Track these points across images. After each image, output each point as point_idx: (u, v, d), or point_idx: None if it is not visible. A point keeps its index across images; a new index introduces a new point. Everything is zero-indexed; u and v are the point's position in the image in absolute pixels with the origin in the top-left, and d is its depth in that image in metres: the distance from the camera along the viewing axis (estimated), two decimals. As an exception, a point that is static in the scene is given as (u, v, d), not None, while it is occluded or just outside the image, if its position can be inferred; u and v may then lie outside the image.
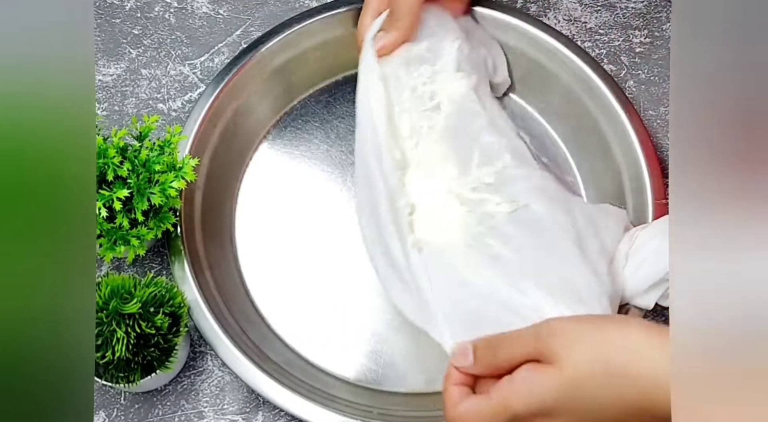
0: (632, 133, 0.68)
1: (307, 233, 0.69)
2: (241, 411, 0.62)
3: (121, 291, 0.55)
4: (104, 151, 0.57)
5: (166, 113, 0.72)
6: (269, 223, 0.69)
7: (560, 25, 0.76)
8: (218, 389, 0.63)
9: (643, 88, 0.74)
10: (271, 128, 0.73)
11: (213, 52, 0.75)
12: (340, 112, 0.73)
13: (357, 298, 0.66)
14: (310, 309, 0.66)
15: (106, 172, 0.56)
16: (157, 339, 0.56)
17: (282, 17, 0.73)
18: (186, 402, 0.62)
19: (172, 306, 0.57)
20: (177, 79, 0.74)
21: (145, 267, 0.66)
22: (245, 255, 0.68)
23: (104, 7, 0.77)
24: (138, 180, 0.57)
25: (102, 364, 0.55)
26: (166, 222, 0.60)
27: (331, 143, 0.72)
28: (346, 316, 0.66)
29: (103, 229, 0.57)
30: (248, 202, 0.70)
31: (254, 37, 0.74)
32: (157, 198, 0.57)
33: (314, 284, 0.67)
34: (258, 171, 0.71)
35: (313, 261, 0.68)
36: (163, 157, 0.59)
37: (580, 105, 0.71)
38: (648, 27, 0.76)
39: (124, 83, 0.73)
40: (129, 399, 0.62)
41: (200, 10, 0.77)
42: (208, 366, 0.63)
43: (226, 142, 0.70)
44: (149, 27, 0.76)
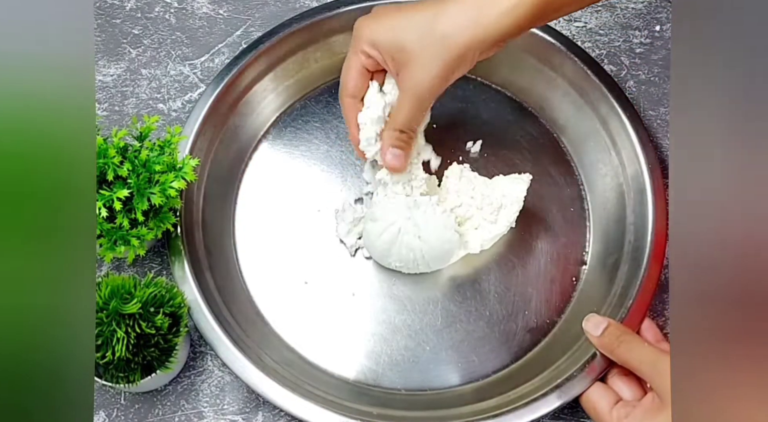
0: (632, 133, 0.68)
1: (307, 233, 0.69)
2: (241, 411, 0.62)
3: (121, 291, 0.55)
4: (104, 151, 0.57)
5: (166, 113, 0.72)
6: (269, 223, 0.69)
7: (560, 25, 0.76)
8: (218, 389, 0.63)
9: (643, 88, 0.74)
10: (271, 128, 0.73)
11: (213, 52, 0.75)
12: (340, 112, 0.73)
13: (357, 298, 0.66)
14: (310, 309, 0.66)
15: (106, 172, 0.56)
16: (157, 339, 0.56)
17: (282, 17, 0.73)
18: (186, 402, 0.62)
19: (172, 306, 0.57)
20: (177, 79, 0.74)
21: (145, 267, 0.66)
22: (245, 255, 0.68)
23: (104, 7, 0.77)
24: (138, 180, 0.57)
25: (102, 364, 0.55)
26: (166, 222, 0.60)
27: (331, 143, 0.72)
28: (346, 316, 0.66)
29: (103, 229, 0.57)
30: (248, 202, 0.70)
31: (254, 37, 0.74)
32: (157, 198, 0.57)
33: (314, 284, 0.67)
34: (258, 171, 0.71)
35: (313, 261, 0.68)
36: (163, 157, 0.59)
37: (580, 105, 0.71)
38: (648, 27, 0.76)
39: (124, 83, 0.73)
40: (129, 399, 0.62)
41: (200, 11, 0.77)
42: (208, 366, 0.63)
43: (226, 141, 0.70)
44: (149, 27, 0.76)
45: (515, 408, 0.59)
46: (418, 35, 0.56)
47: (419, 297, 0.66)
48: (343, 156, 0.71)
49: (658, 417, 0.55)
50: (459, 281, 0.67)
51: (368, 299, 0.66)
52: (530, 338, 0.65)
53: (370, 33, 0.58)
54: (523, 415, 0.58)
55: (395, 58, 0.58)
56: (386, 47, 0.58)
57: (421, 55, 0.56)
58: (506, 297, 0.67)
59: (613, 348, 0.59)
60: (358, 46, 0.60)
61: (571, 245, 0.69)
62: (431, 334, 0.65)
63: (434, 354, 0.64)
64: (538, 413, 0.59)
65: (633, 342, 0.59)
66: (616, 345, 0.59)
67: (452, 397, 0.63)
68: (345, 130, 0.72)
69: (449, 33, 0.55)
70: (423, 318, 0.66)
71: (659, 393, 0.55)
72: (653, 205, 0.66)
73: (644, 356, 0.57)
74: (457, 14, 0.55)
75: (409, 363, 0.64)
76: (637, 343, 0.59)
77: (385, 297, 0.66)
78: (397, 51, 0.57)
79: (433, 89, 0.58)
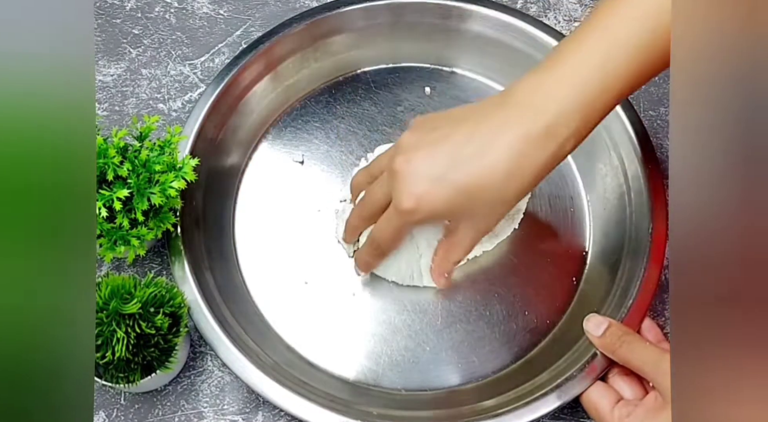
0: (632, 133, 0.68)
1: (307, 233, 0.69)
2: (241, 411, 0.62)
3: (121, 291, 0.55)
4: (104, 151, 0.57)
5: (166, 113, 0.72)
6: (269, 223, 0.69)
7: (560, 25, 0.76)
8: (218, 389, 0.63)
9: (643, 88, 0.74)
10: (271, 128, 0.73)
11: (213, 52, 0.75)
12: (340, 112, 0.73)
13: (357, 298, 0.66)
14: (310, 309, 0.66)
15: (106, 172, 0.56)
16: (157, 339, 0.56)
17: (282, 17, 0.73)
18: (186, 402, 0.62)
19: (172, 306, 0.57)
20: (177, 79, 0.74)
21: (145, 267, 0.66)
22: (245, 255, 0.68)
23: (104, 7, 0.77)
24: (138, 180, 0.57)
25: (102, 364, 0.55)
26: (166, 222, 0.60)
27: (331, 143, 0.72)
28: (346, 316, 0.66)
29: (103, 229, 0.57)
30: (248, 201, 0.70)
31: (254, 37, 0.74)
32: (157, 198, 0.57)
33: (314, 284, 0.67)
34: (258, 171, 0.71)
35: (313, 261, 0.68)
36: (163, 157, 0.59)
37: (580, 105, 0.71)
38: (648, 27, 0.76)
39: (125, 83, 0.73)
40: (129, 399, 0.62)
41: (200, 10, 0.77)
42: (208, 366, 0.63)
43: (226, 141, 0.70)
44: (149, 27, 0.76)
45: (515, 408, 0.59)
46: (488, 206, 0.55)
47: (419, 297, 0.66)
48: (343, 156, 0.71)
49: (661, 416, 0.55)
50: (459, 281, 0.67)
51: (368, 299, 0.66)
52: (530, 338, 0.65)
53: (432, 209, 0.55)
54: (523, 415, 0.58)
55: (456, 220, 0.58)
56: (448, 216, 0.58)
57: (488, 214, 0.56)
58: (506, 297, 0.67)
59: (614, 348, 0.59)
60: (413, 219, 0.55)
61: (571, 245, 0.69)
62: (431, 334, 0.65)
63: (434, 355, 0.64)
64: (538, 413, 0.59)
65: (634, 342, 0.59)
66: (617, 345, 0.59)
67: (452, 397, 0.63)
68: (345, 129, 0.72)
69: (517, 192, 0.54)
70: (423, 318, 0.66)
71: (662, 392, 0.55)
72: (653, 205, 0.66)
73: (646, 356, 0.57)
74: (528, 169, 0.53)
75: (409, 364, 0.64)
76: (639, 343, 0.59)
77: (385, 297, 0.66)
78: (459, 216, 0.57)
79: (492, 227, 0.59)
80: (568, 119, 0.53)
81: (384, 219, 0.59)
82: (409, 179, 0.55)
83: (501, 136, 0.53)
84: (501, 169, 0.53)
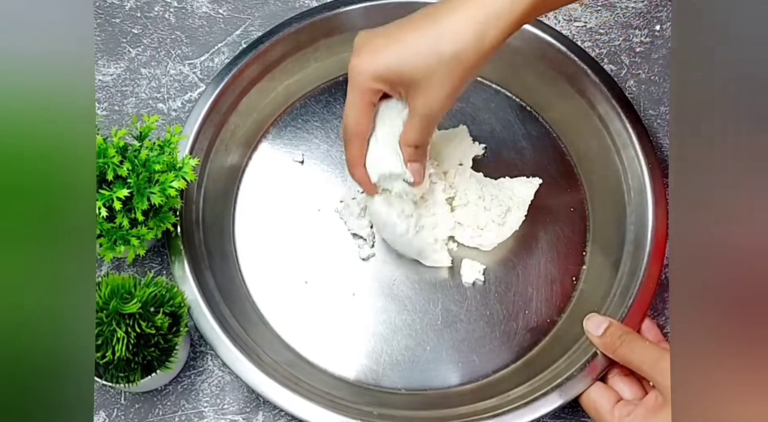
0: (632, 133, 0.68)
1: (307, 233, 0.69)
2: (241, 411, 0.62)
3: (121, 291, 0.55)
4: (104, 151, 0.57)
5: (166, 113, 0.72)
6: (269, 223, 0.69)
7: (560, 25, 0.76)
8: (218, 389, 0.63)
9: (643, 88, 0.74)
10: (271, 128, 0.73)
11: (213, 51, 0.75)
12: (340, 112, 0.73)
13: (357, 298, 0.66)
14: (310, 309, 0.66)
15: (106, 172, 0.56)
16: (157, 339, 0.56)
17: (282, 17, 0.73)
18: (186, 402, 0.62)
19: (172, 306, 0.57)
20: (177, 79, 0.74)
21: (145, 267, 0.66)
22: (245, 255, 0.68)
23: (104, 6, 0.77)
24: (138, 180, 0.57)
25: (102, 364, 0.55)
26: (166, 222, 0.60)
27: (331, 143, 0.72)
28: (346, 316, 0.66)
29: (103, 229, 0.57)
30: (248, 201, 0.70)
31: (254, 37, 0.74)
32: (157, 198, 0.57)
33: (314, 284, 0.67)
34: (258, 171, 0.71)
35: (313, 261, 0.68)
36: (163, 156, 0.59)
37: (580, 105, 0.71)
38: (648, 27, 0.76)
39: (124, 83, 0.73)
40: (129, 399, 0.62)
41: (200, 10, 0.77)
42: (208, 366, 0.63)
43: (226, 141, 0.70)
44: (149, 26, 0.76)
45: (515, 408, 0.59)
46: (426, 62, 0.56)
47: (419, 297, 0.66)
48: (342, 156, 0.71)
49: (661, 415, 0.55)
50: (459, 281, 0.67)
51: (368, 299, 0.66)
52: (530, 338, 0.65)
53: (374, 68, 0.57)
54: (523, 415, 0.58)
55: (404, 85, 0.57)
56: (394, 79, 0.57)
57: (432, 78, 0.56)
58: (506, 297, 0.67)
59: (614, 347, 0.59)
60: (363, 84, 0.58)
61: (571, 245, 0.69)
62: (431, 334, 0.65)
63: (434, 354, 0.64)
64: (538, 413, 0.59)
65: (634, 341, 0.59)
66: (617, 344, 0.59)
67: (452, 397, 0.63)
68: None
69: (457, 53, 0.55)
70: (423, 318, 0.66)
71: (662, 391, 0.55)
72: (653, 205, 0.66)
73: (646, 355, 0.57)
74: (460, 32, 0.55)
75: (409, 363, 0.64)
76: (639, 342, 0.59)
77: (386, 297, 0.66)
78: (406, 80, 0.57)
79: (444, 108, 0.58)
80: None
81: (346, 103, 0.60)
82: (357, 49, 0.58)
83: (449, 16, 0.56)
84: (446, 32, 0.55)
